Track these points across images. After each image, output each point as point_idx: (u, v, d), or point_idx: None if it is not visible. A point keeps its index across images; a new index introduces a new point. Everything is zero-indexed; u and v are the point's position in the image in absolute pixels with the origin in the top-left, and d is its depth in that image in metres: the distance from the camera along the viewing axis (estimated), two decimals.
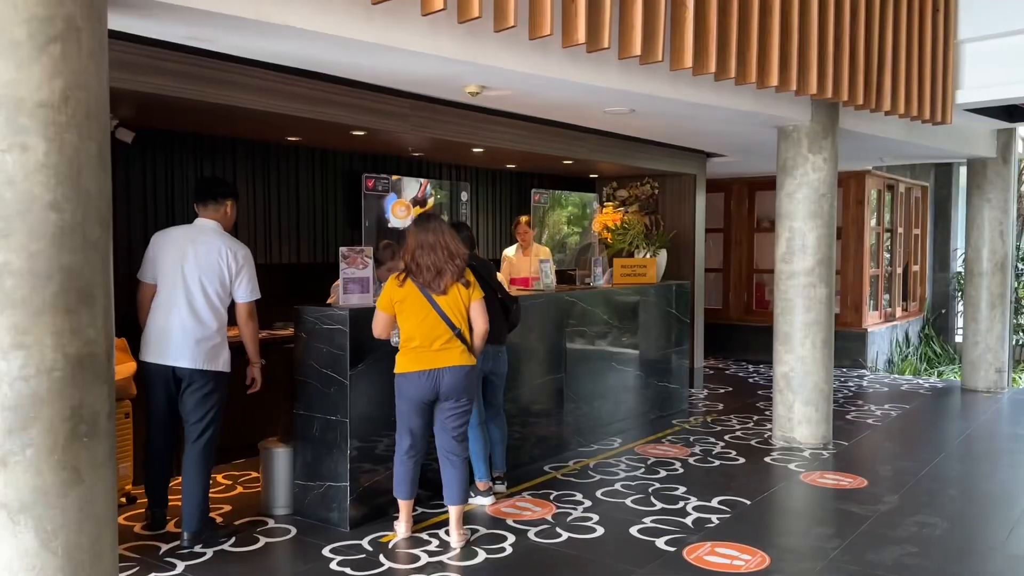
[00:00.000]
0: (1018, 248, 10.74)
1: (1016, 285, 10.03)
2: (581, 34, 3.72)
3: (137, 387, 4.31)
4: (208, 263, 3.91)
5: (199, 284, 3.90)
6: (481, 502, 4.59)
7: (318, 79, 4.52)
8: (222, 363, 3.99)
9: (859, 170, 9.50)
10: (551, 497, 4.74)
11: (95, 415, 2.38)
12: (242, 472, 5.21)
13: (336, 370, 4.23)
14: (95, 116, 2.38)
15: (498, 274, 5.22)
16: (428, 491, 4.51)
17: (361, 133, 5.53)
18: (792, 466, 5.45)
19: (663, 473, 5.26)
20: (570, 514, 4.44)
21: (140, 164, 5.32)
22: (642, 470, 5.33)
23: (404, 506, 4.10)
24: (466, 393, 4.01)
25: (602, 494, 4.80)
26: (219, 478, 5.09)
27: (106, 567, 2.43)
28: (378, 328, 4.02)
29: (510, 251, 7.10)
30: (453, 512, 4.06)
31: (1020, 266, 10.51)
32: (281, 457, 4.47)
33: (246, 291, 4.02)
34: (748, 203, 10.53)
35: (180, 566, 3.72)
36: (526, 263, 6.89)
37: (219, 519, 4.35)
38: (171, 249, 3.93)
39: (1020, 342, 10.32)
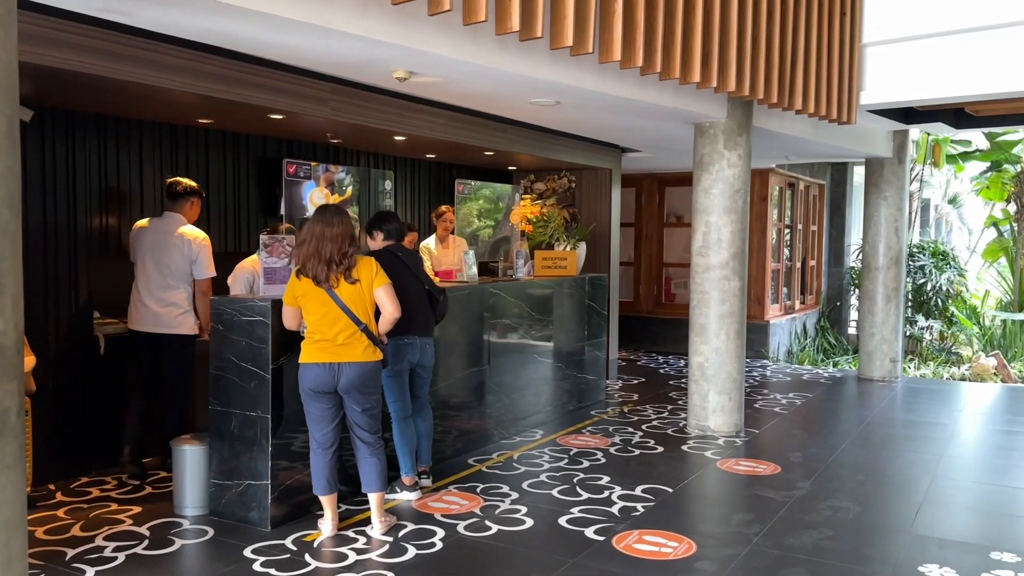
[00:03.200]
0: (911, 244, 11.40)
1: (909, 279, 10.65)
2: (515, 22, 3.68)
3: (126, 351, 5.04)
4: (167, 248, 4.84)
5: (161, 265, 4.83)
6: (407, 497, 4.51)
7: (235, 58, 4.30)
8: (187, 328, 4.88)
9: (764, 168, 9.84)
10: (478, 490, 4.70)
11: (4, 412, 2.18)
12: (150, 472, 4.94)
13: (257, 364, 4.06)
14: (4, 90, 2.17)
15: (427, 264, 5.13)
16: (352, 487, 4.39)
17: (279, 117, 5.32)
18: (708, 454, 5.59)
19: (586, 463, 5.30)
20: (498, 507, 4.42)
21: (39, 145, 4.94)
22: (565, 461, 5.36)
23: (326, 503, 3.99)
24: (370, 389, 3.95)
25: (528, 486, 4.80)
26: (124, 478, 4.81)
27: (16, 574, 2.24)
28: (286, 321, 3.96)
29: (429, 242, 7.01)
30: (373, 500, 4.02)
31: (911, 262, 11.15)
32: (195, 455, 4.25)
33: (201, 271, 4.89)
34: (659, 198, 10.77)
35: (90, 572, 3.49)
36: (446, 255, 6.82)
37: (128, 521, 4.11)
38: (142, 238, 4.90)
39: (909, 333, 10.94)
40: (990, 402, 7.83)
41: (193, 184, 5.08)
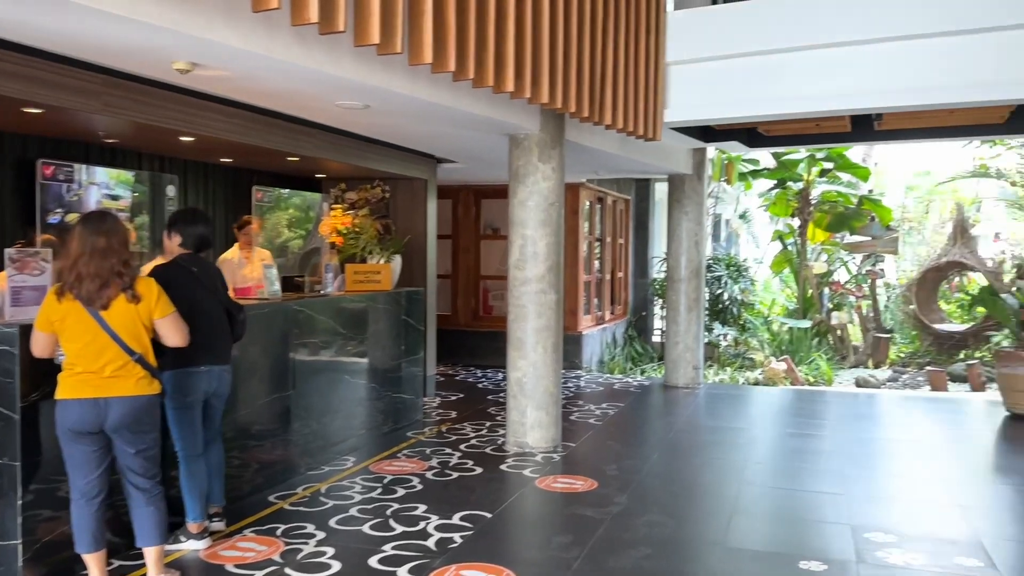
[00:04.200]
0: (709, 257, 12.07)
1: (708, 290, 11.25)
2: (313, 12, 3.33)
3: None
4: None
5: None
6: (194, 546, 3.96)
7: None
8: None
9: (574, 182, 10.00)
10: (278, 532, 4.24)
11: None
12: None
13: (2, 402, 3.39)
14: None
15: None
16: (127, 539, 3.78)
17: (37, 111, 4.59)
18: (527, 472, 5.45)
19: (401, 492, 4.97)
20: (300, 550, 3.98)
21: None
22: (379, 490, 5.00)
23: (91, 561, 3.38)
24: (145, 428, 3.40)
25: (336, 522, 4.39)
26: None
27: None
28: (36, 348, 3.32)
29: (229, 254, 6.40)
30: (150, 555, 3.49)
31: (708, 274, 11.79)
32: None
33: None
34: (475, 210, 10.66)
35: None
36: (250, 268, 6.24)
37: None
38: None
39: (708, 340, 11.54)
40: (782, 405, 8.35)
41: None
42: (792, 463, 5.92)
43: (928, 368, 11.27)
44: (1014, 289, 10.81)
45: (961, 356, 11.95)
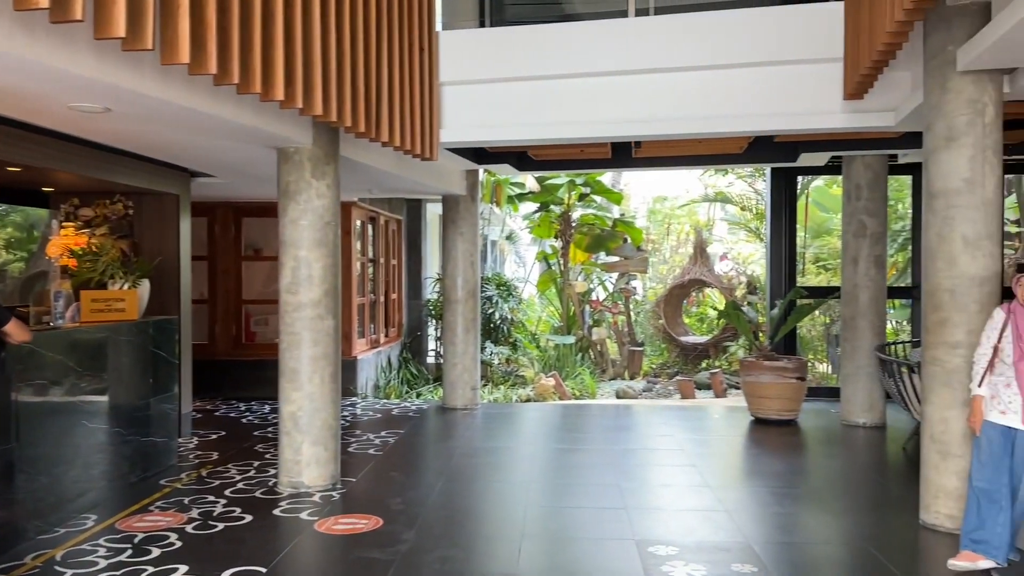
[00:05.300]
0: (483, 277, 12.17)
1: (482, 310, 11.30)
2: None
3: None
4: None
5: None
6: None
7: None
8: None
9: (347, 201, 9.63)
10: None
11: None
12: None
13: None
14: None
15: None
16: None
17: None
18: (304, 515, 5.01)
19: (156, 552, 4.33)
20: None
21: None
22: (129, 552, 4.32)
23: None
24: None
25: None
26: None
27: None
28: None
29: None
30: None
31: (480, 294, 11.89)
32: None
33: None
34: (235, 229, 9.89)
35: None
36: None
37: None
38: None
39: (482, 360, 11.61)
40: (554, 421, 8.54)
41: None
42: (571, 479, 6.00)
43: (677, 378, 12.20)
44: (746, 304, 12.05)
45: (704, 365, 13.08)
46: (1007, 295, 4.32)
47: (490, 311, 12.33)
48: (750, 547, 4.43)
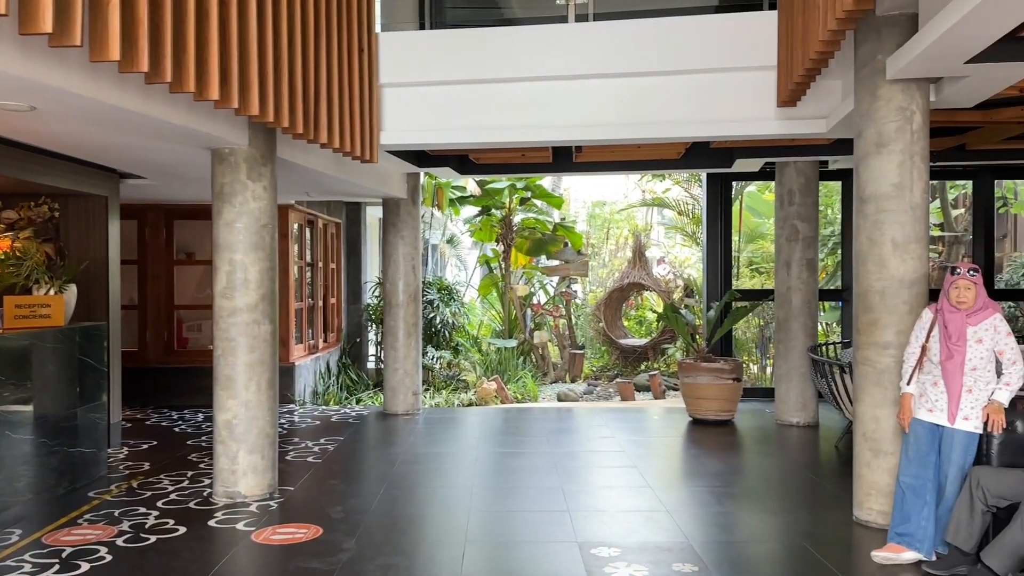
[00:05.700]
0: (424, 282, 12.08)
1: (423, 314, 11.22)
2: None
3: None
4: None
5: None
6: None
7: None
8: None
9: (284, 204, 9.44)
10: None
11: None
12: None
13: None
14: None
15: None
16: None
17: None
18: (241, 525, 4.88)
19: (85, 567, 4.15)
20: None
21: None
22: (56, 567, 4.14)
23: None
24: None
25: None
26: None
27: None
28: None
29: None
30: None
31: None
32: None
33: None
34: (167, 232, 9.60)
35: None
36: None
37: None
38: None
39: (423, 364, 11.53)
40: (496, 425, 8.52)
41: None
42: (514, 483, 5.99)
43: (617, 380, 12.33)
44: (684, 307, 12.25)
45: (643, 368, 13.25)
46: (935, 296, 4.48)
47: (431, 315, 12.25)
48: (690, 546, 4.49)
